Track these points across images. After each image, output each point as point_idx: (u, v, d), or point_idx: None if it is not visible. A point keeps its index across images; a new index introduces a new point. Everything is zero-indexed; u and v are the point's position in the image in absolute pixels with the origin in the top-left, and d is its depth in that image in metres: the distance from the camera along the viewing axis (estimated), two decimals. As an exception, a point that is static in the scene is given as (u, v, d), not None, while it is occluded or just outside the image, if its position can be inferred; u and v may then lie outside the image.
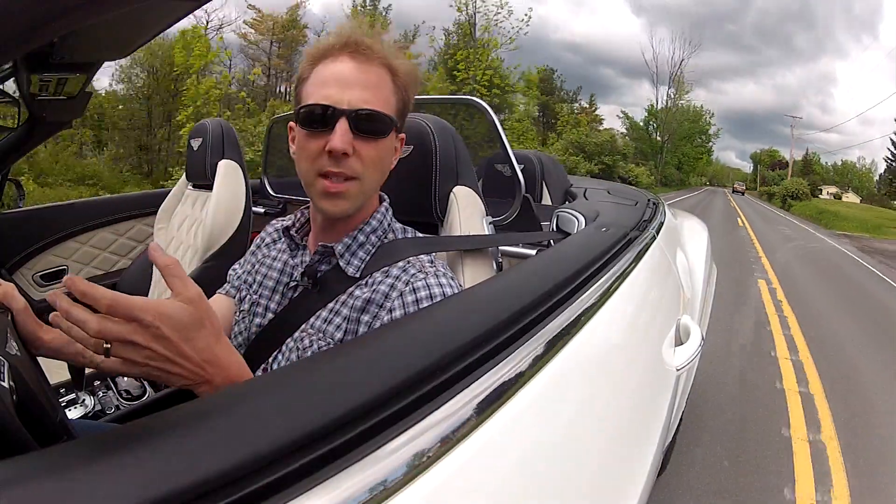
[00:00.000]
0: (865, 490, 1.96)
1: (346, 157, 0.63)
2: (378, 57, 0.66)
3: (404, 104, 0.69)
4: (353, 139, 0.63)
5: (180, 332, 0.44)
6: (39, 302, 1.64)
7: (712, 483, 1.89)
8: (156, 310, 0.43)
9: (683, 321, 0.99)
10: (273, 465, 0.29)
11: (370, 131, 0.64)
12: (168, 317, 0.44)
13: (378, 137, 0.65)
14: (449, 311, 0.55)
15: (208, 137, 1.53)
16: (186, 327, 0.45)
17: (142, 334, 0.43)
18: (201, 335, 0.46)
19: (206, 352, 0.47)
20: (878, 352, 3.65)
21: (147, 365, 0.44)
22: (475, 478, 0.38)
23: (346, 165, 0.63)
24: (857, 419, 2.55)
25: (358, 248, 0.70)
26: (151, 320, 0.43)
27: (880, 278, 7.36)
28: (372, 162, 0.65)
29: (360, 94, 0.63)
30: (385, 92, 0.66)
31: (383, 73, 0.66)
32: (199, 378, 0.47)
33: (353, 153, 0.63)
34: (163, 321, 0.43)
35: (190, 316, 0.45)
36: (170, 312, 0.44)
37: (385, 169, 0.69)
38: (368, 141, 0.64)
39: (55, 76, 1.19)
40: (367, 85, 0.64)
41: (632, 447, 0.65)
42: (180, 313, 0.45)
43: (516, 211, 1.25)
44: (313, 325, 0.67)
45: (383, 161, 0.68)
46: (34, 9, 0.34)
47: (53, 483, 0.26)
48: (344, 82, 0.64)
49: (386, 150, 0.67)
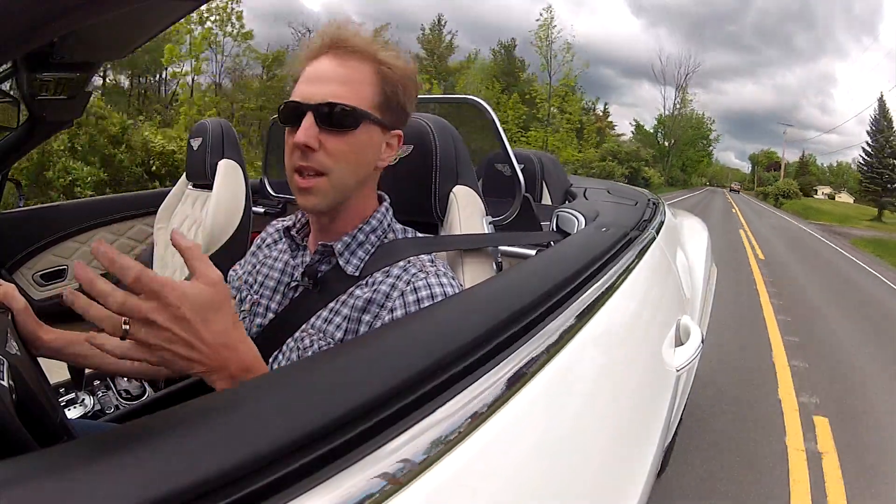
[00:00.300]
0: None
1: (312, 151, 0.63)
2: (358, 51, 0.65)
3: (388, 98, 0.67)
4: (320, 133, 0.63)
5: (200, 314, 0.45)
6: (39, 302, 1.64)
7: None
8: (180, 289, 0.44)
9: (683, 321, 0.99)
10: (273, 465, 0.29)
11: (335, 124, 0.63)
12: (190, 297, 0.44)
13: (344, 130, 0.64)
14: (449, 310, 0.55)
15: (208, 137, 1.53)
16: (206, 309, 0.45)
17: (163, 313, 0.43)
18: (220, 318, 0.47)
19: (224, 335, 0.47)
20: (799, 259, 8.93)
21: (163, 349, 0.44)
22: (475, 478, 0.38)
23: (313, 160, 0.63)
24: (779, 270, 7.15)
25: (357, 248, 0.70)
26: (174, 299, 0.43)
27: (818, 238, 14.22)
28: (340, 155, 0.64)
29: (329, 88, 0.64)
30: (360, 86, 0.65)
31: (363, 67, 0.65)
32: (215, 363, 0.47)
33: (319, 147, 0.63)
34: (184, 301, 0.44)
35: (210, 298, 0.46)
36: (192, 293, 0.45)
37: (361, 164, 0.67)
38: (335, 134, 0.63)
39: (55, 76, 1.19)
40: (339, 79, 0.64)
41: (632, 447, 0.65)
42: (202, 294, 0.45)
43: (516, 211, 1.25)
44: (314, 324, 0.67)
45: (355, 155, 0.66)
46: (34, 9, 0.34)
47: (53, 483, 0.26)
48: (317, 79, 0.65)
49: (358, 144, 0.65)
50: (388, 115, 0.68)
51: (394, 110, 0.68)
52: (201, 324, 0.45)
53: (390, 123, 0.68)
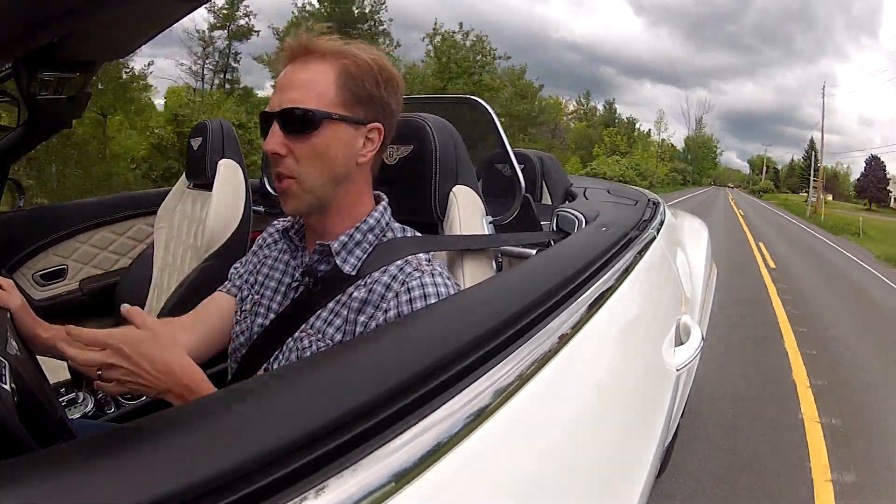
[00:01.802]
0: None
1: (281, 157, 0.65)
2: (314, 53, 0.67)
3: (355, 93, 0.67)
4: (286, 138, 0.65)
5: (138, 349, 0.57)
6: (39, 302, 1.64)
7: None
8: (120, 335, 0.57)
9: (683, 321, 0.99)
10: (273, 466, 0.29)
11: (296, 129, 0.65)
12: (128, 339, 0.57)
13: (307, 132, 0.65)
14: (449, 310, 0.55)
15: (208, 137, 1.53)
16: (141, 345, 0.57)
17: (114, 356, 0.56)
18: (154, 350, 0.58)
19: (160, 363, 0.57)
20: (750, 205, 30.56)
21: (126, 381, 0.57)
22: (475, 478, 0.38)
23: (283, 165, 0.66)
24: (742, 205, 28.00)
25: (354, 247, 0.70)
26: (115, 343, 0.56)
27: (760, 203, 37.56)
28: (306, 158, 0.65)
29: (289, 94, 0.65)
30: (319, 86, 0.65)
31: (323, 67, 0.66)
32: (161, 386, 0.58)
33: (287, 153, 0.65)
34: (124, 342, 0.57)
35: (143, 336, 0.58)
36: (129, 335, 0.58)
37: (331, 163, 0.67)
38: (298, 139, 0.65)
39: (55, 76, 1.19)
40: (298, 84, 0.66)
41: (632, 447, 0.65)
42: (136, 335, 0.58)
43: (516, 211, 1.25)
44: (313, 325, 0.68)
45: (324, 155, 0.66)
46: (34, 9, 0.34)
47: (53, 483, 0.26)
48: (280, 87, 0.67)
49: (323, 145, 0.65)
50: (358, 110, 0.67)
51: (365, 104, 0.67)
52: (140, 357, 0.57)
53: (364, 118, 0.68)
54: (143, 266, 1.65)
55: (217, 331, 0.78)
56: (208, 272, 1.37)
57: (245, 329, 0.75)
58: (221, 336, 0.78)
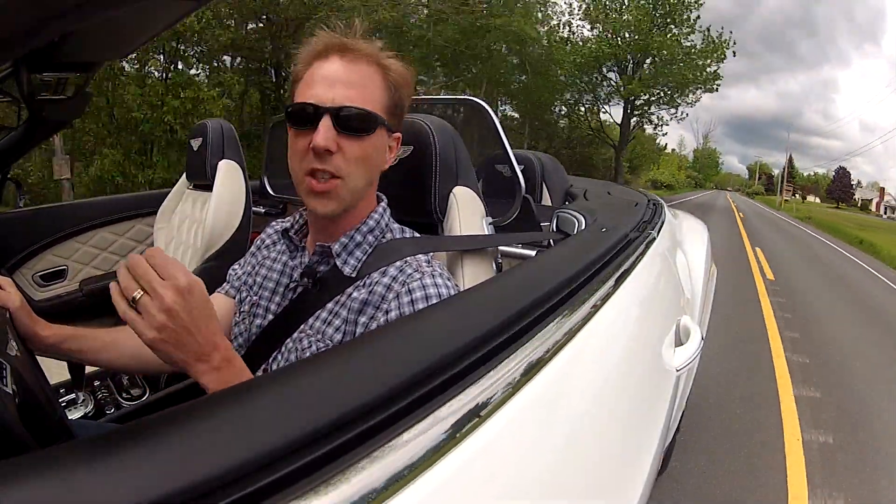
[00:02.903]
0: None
1: (330, 154, 0.63)
2: (366, 55, 0.66)
3: (395, 103, 0.68)
4: (337, 136, 0.63)
5: (196, 312, 0.50)
6: (39, 302, 1.64)
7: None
8: (189, 276, 0.51)
9: (683, 321, 0.99)
10: (273, 465, 0.29)
11: (354, 128, 0.64)
12: (194, 293, 0.50)
13: (362, 135, 0.65)
14: (449, 311, 0.55)
15: (208, 137, 1.53)
16: (202, 307, 0.51)
17: (175, 295, 0.49)
18: (208, 320, 0.52)
19: (212, 338, 0.52)
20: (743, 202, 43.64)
21: (165, 325, 0.49)
22: (475, 478, 0.38)
23: (330, 163, 0.64)
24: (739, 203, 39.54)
25: (355, 248, 0.70)
26: (185, 282, 0.50)
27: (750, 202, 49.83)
28: (357, 160, 0.65)
29: (345, 91, 0.64)
30: (372, 90, 0.66)
31: (372, 71, 0.66)
32: (202, 350, 0.51)
33: (336, 150, 0.63)
34: (185, 295, 0.49)
35: (207, 299, 0.52)
36: (199, 287, 0.51)
37: (373, 167, 0.68)
38: (353, 139, 0.64)
39: (55, 76, 1.19)
40: (353, 83, 0.64)
41: (632, 448, 0.65)
42: (204, 292, 0.52)
43: (516, 211, 1.25)
44: (312, 325, 0.67)
45: (370, 159, 0.67)
46: (34, 9, 0.34)
47: (53, 483, 0.26)
48: (331, 81, 0.64)
49: (373, 149, 0.66)
50: (392, 119, 0.69)
51: (396, 114, 0.69)
52: (200, 310, 0.51)
53: (394, 127, 0.70)
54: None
55: None
56: (208, 273, 1.37)
57: (244, 330, 0.75)
58: None
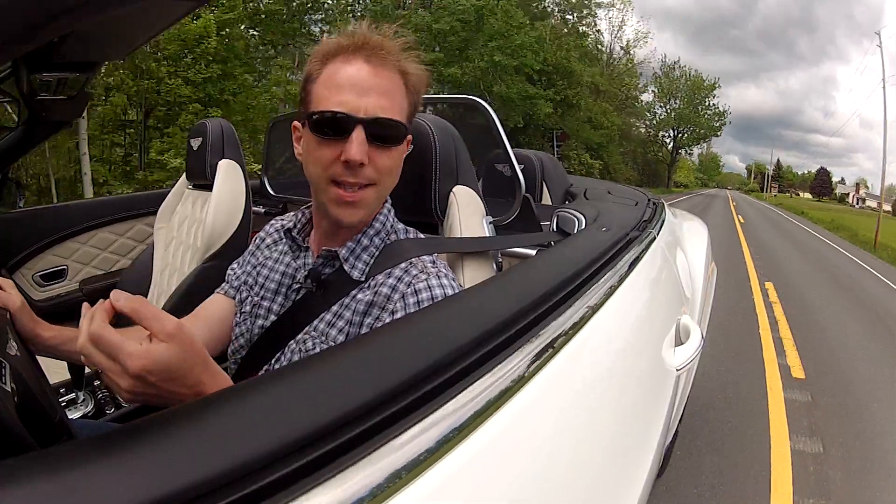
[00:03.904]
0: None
1: (361, 166, 0.62)
2: (393, 61, 0.64)
3: (414, 108, 0.68)
4: (369, 148, 0.62)
5: (167, 375, 0.43)
6: (39, 302, 1.64)
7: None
8: (141, 358, 0.42)
9: (683, 321, 0.99)
10: (274, 465, 0.29)
11: (386, 139, 0.63)
12: (154, 363, 0.42)
13: (393, 145, 0.64)
14: (449, 311, 0.55)
15: (208, 137, 1.53)
16: (172, 369, 0.43)
17: (141, 385, 0.43)
18: (187, 370, 0.45)
19: (196, 386, 0.46)
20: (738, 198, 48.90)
21: (152, 400, 0.45)
22: (475, 478, 0.38)
23: (362, 175, 0.62)
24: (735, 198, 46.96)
25: (362, 252, 0.69)
26: (138, 370, 0.42)
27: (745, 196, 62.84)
28: (388, 169, 0.65)
29: (377, 101, 0.62)
30: (399, 97, 0.64)
31: (397, 77, 0.65)
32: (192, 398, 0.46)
33: (368, 162, 0.62)
34: (149, 371, 0.42)
35: (173, 356, 0.43)
36: (155, 358, 0.43)
37: (398, 174, 0.68)
38: (384, 149, 0.63)
39: (55, 76, 1.19)
40: (383, 91, 0.62)
41: (632, 447, 0.65)
42: (164, 356, 0.43)
43: (516, 211, 1.25)
44: (316, 327, 0.67)
45: (397, 168, 0.67)
46: (34, 9, 0.34)
47: (53, 483, 0.26)
48: (360, 88, 0.61)
49: (400, 157, 0.67)
50: (409, 122, 0.68)
51: (412, 117, 0.69)
52: (168, 383, 0.44)
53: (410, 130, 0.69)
54: (143, 267, 1.65)
55: (217, 332, 0.78)
56: (208, 273, 1.37)
57: (245, 331, 0.75)
58: (221, 337, 0.78)
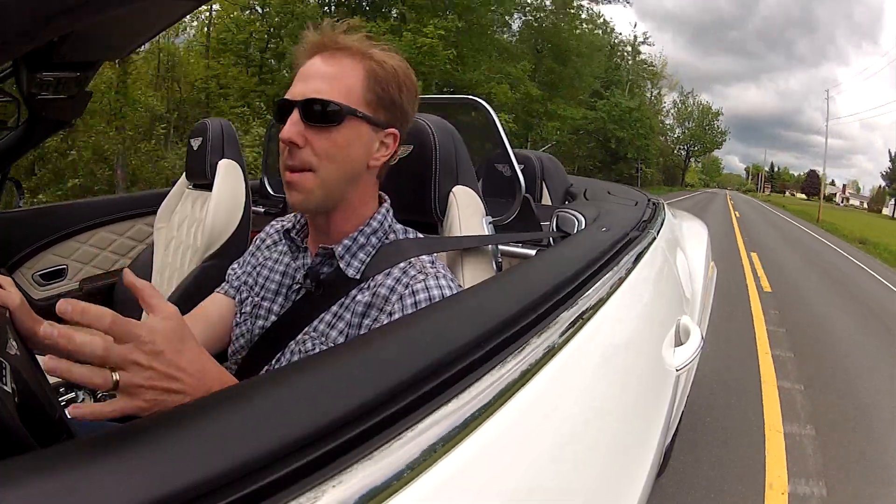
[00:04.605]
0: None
1: (297, 147, 0.64)
2: (346, 49, 0.66)
3: (380, 96, 0.67)
4: (306, 129, 0.64)
5: (172, 344, 0.46)
6: (39, 301, 1.64)
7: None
8: (147, 325, 0.45)
9: (683, 321, 0.99)
10: (274, 465, 0.29)
11: (318, 119, 0.64)
12: (158, 331, 0.45)
13: (328, 125, 0.64)
14: (449, 311, 0.55)
15: (208, 137, 1.53)
16: (174, 339, 0.46)
17: (141, 351, 0.44)
18: (188, 347, 0.48)
19: (198, 361, 0.48)
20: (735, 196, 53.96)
21: (151, 388, 0.44)
22: (475, 479, 0.38)
23: (297, 157, 0.64)
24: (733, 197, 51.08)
25: (358, 250, 0.69)
26: (146, 335, 0.44)
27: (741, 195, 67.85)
28: (325, 152, 0.64)
29: (315, 84, 0.64)
30: (347, 81, 0.65)
31: (353, 64, 0.66)
32: (198, 391, 0.47)
33: (304, 144, 0.64)
34: (155, 335, 0.45)
35: (173, 328, 0.47)
36: (158, 327, 0.46)
37: (348, 161, 0.66)
38: (320, 131, 0.64)
39: (55, 76, 1.19)
40: (326, 76, 0.65)
41: (632, 447, 0.65)
42: (167, 326, 0.46)
43: (516, 211, 1.25)
44: (316, 328, 0.67)
45: (341, 152, 0.65)
46: (34, 9, 0.34)
47: (53, 483, 0.26)
48: (305, 77, 0.66)
49: (344, 141, 0.65)
50: (380, 114, 0.67)
51: (388, 108, 0.68)
52: (176, 354, 0.46)
53: (384, 122, 0.68)
54: (142, 266, 1.65)
55: (217, 332, 0.78)
56: (208, 272, 1.37)
57: (245, 331, 0.75)
58: (221, 337, 0.78)
